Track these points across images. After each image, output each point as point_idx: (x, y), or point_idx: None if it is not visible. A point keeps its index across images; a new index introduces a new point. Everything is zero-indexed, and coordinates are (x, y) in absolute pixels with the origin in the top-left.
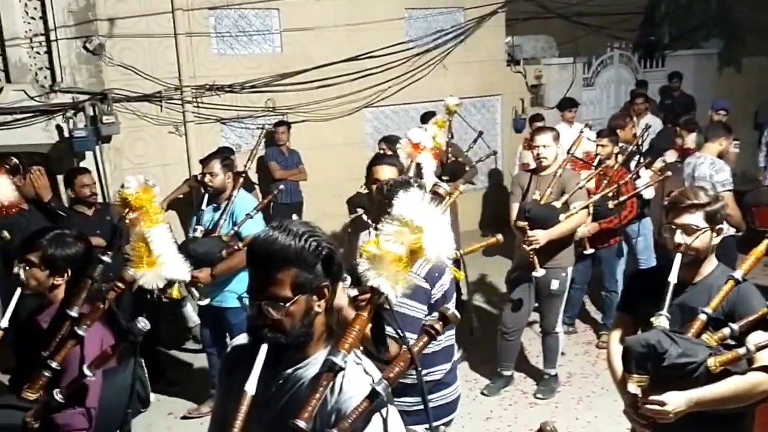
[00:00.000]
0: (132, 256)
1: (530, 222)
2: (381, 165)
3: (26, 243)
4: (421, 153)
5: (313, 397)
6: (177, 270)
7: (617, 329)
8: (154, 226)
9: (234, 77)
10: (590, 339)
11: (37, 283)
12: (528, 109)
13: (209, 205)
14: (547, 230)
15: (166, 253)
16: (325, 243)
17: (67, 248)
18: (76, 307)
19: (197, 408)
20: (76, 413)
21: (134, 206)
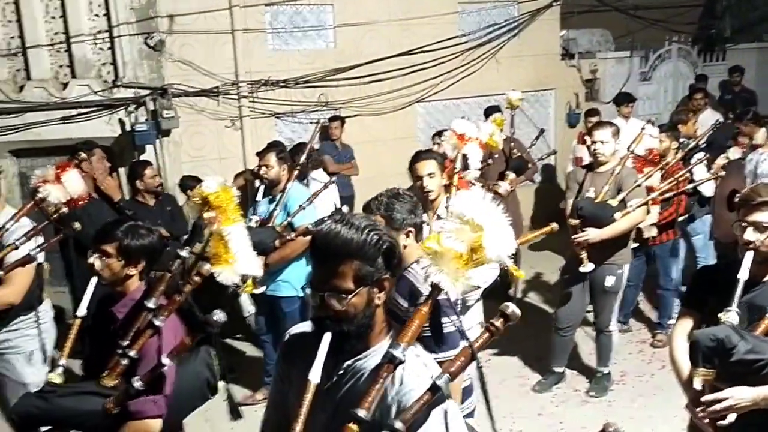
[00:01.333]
0: (211, 253)
1: (583, 220)
2: (421, 161)
3: (102, 233)
4: (467, 144)
5: (373, 387)
6: (251, 266)
7: (682, 324)
8: (232, 224)
9: (288, 72)
10: (645, 338)
11: (112, 273)
12: (582, 104)
13: (265, 196)
14: (600, 229)
15: (242, 250)
16: (386, 237)
17: (141, 239)
18: (154, 298)
19: (252, 395)
20: (149, 401)
21: (213, 205)
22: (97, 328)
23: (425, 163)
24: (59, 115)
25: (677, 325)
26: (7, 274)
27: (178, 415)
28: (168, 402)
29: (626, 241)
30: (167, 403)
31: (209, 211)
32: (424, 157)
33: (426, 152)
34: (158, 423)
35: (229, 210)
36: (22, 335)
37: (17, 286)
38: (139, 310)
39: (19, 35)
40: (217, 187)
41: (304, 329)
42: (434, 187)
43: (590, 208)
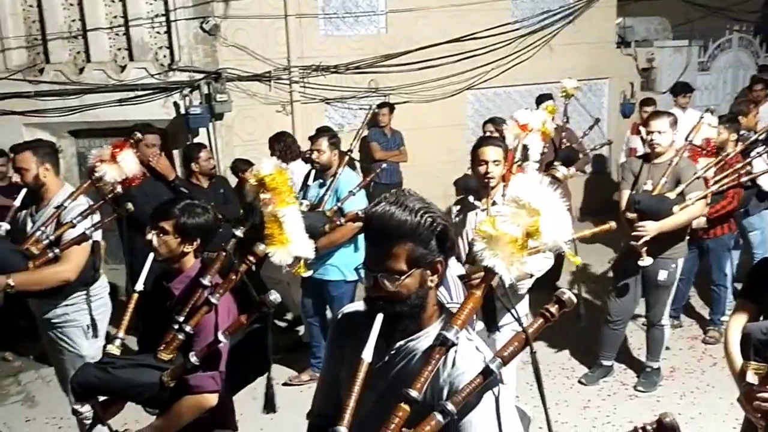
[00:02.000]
0: (265, 235)
1: (640, 214)
2: (487, 146)
3: (159, 211)
4: (529, 134)
5: (425, 369)
6: (305, 248)
7: (737, 317)
8: (287, 206)
9: (339, 58)
10: (696, 334)
11: (168, 250)
12: (637, 94)
13: (315, 180)
14: (658, 222)
15: (296, 232)
16: (440, 219)
17: (197, 217)
18: (210, 276)
19: (297, 376)
20: (207, 376)
21: (268, 187)
22: (153, 303)
23: (493, 149)
24: (117, 97)
25: (733, 318)
26: (63, 251)
27: (231, 390)
28: (222, 378)
29: (683, 235)
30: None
31: (265, 192)
32: (491, 143)
33: (494, 139)
34: (215, 398)
35: (284, 192)
36: (79, 309)
37: (73, 263)
38: (195, 287)
39: (80, 18)
40: (272, 169)
41: (356, 309)
42: (497, 175)
43: (648, 202)
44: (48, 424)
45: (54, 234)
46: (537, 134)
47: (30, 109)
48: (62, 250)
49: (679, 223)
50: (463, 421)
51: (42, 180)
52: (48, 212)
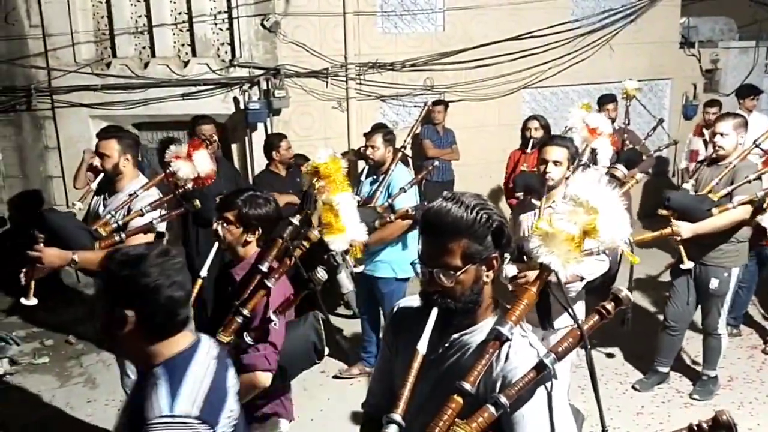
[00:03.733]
0: (322, 222)
1: (676, 213)
2: (552, 146)
3: (224, 202)
4: (598, 138)
5: (479, 362)
6: (359, 234)
7: None
8: (341, 193)
9: (395, 55)
10: (756, 343)
11: (233, 239)
12: (700, 95)
13: (368, 176)
14: (693, 224)
15: (351, 218)
16: (496, 216)
17: (258, 208)
18: (266, 262)
19: (348, 369)
20: (260, 355)
21: (323, 175)
22: (218, 289)
23: (556, 149)
24: (179, 91)
25: None
26: (129, 237)
27: (288, 376)
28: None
29: (732, 240)
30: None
31: (319, 180)
32: (556, 142)
33: (561, 138)
34: (268, 377)
35: (337, 179)
36: None
37: None
38: (254, 273)
39: (146, 14)
40: (326, 158)
41: (412, 303)
42: (556, 176)
43: (680, 200)
44: (108, 406)
45: (123, 220)
46: (606, 138)
47: (96, 101)
48: (128, 236)
49: (717, 227)
50: (515, 414)
51: (121, 169)
52: (120, 198)
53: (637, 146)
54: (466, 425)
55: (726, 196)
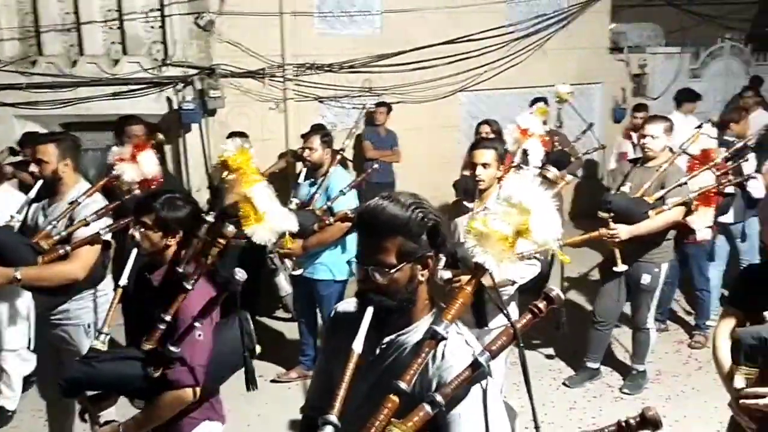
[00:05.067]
0: (240, 216)
1: (614, 216)
2: (479, 149)
3: (140, 205)
4: (529, 139)
5: (415, 362)
6: (285, 221)
7: (725, 323)
8: (253, 185)
9: (333, 57)
10: (682, 338)
11: (151, 244)
12: (629, 99)
13: (306, 179)
14: (630, 226)
15: (271, 207)
16: (432, 215)
17: (177, 211)
18: (184, 264)
19: (286, 373)
20: (184, 370)
21: (233, 168)
22: (137, 296)
23: (483, 152)
24: (110, 90)
25: (720, 324)
26: (74, 249)
27: (217, 379)
28: (207, 369)
29: (662, 240)
30: (206, 370)
31: (230, 174)
32: (483, 145)
33: (488, 141)
34: (193, 392)
35: (248, 171)
36: (81, 307)
37: (83, 262)
38: (172, 276)
39: (74, 11)
40: (235, 150)
41: (350, 306)
42: (486, 178)
43: (620, 203)
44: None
45: (66, 230)
46: (537, 139)
47: (22, 101)
48: (74, 248)
49: (653, 228)
50: (451, 413)
51: (60, 174)
52: (61, 207)
53: (567, 148)
54: (402, 424)
55: (660, 199)
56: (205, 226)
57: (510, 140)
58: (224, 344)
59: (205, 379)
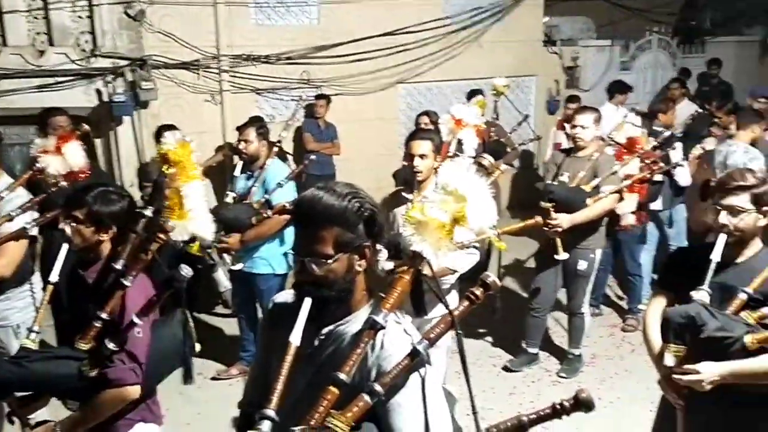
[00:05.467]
0: (166, 208)
1: (554, 204)
2: (414, 140)
3: (72, 200)
4: (463, 129)
5: (354, 352)
6: (203, 228)
7: (655, 304)
8: (190, 181)
9: (271, 48)
10: (615, 322)
11: (83, 239)
12: (563, 91)
13: (243, 172)
14: (570, 215)
15: (197, 209)
16: (368, 204)
17: (111, 205)
18: (121, 260)
19: (226, 370)
20: (127, 368)
21: (172, 161)
22: (69, 293)
23: (420, 143)
24: (35, 83)
25: (651, 305)
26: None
27: (155, 378)
28: (145, 368)
29: (598, 226)
30: (144, 369)
31: (170, 168)
32: (420, 137)
33: (424, 132)
34: (137, 390)
35: (188, 166)
36: (9, 308)
37: (8, 258)
38: (108, 273)
39: None
40: (175, 143)
41: (288, 298)
42: (423, 169)
43: (561, 193)
44: None
45: None
46: (472, 129)
47: None
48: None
49: (592, 216)
50: (390, 402)
51: None
52: None
53: (503, 139)
54: (342, 416)
55: (595, 188)
56: (143, 221)
57: (445, 130)
58: (162, 342)
59: (144, 378)
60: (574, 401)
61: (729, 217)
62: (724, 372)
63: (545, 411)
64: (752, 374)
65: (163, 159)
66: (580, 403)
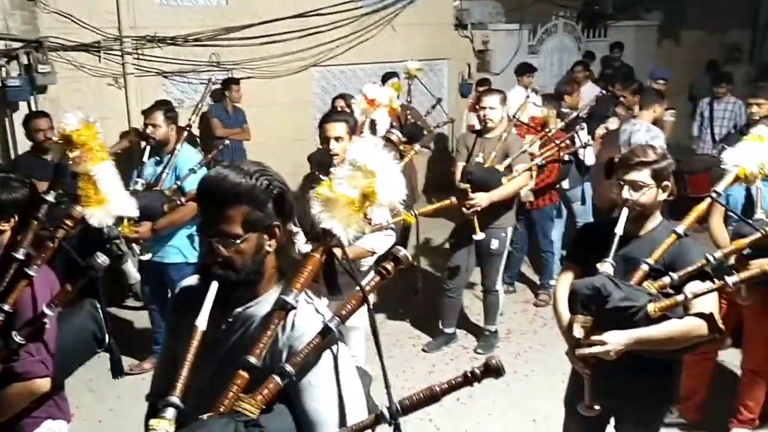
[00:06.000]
0: (80, 195)
1: (472, 184)
2: (330, 122)
3: None
4: (376, 110)
5: (264, 334)
6: (125, 206)
7: (564, 277)
8: (99, 163)
9: (176, 29)
10: (528, 298)
11: None
12: (474, 75)
13: (151, 158)
14: (488, 193)
15: (114, 190)
16: (277, 182)
17: (13, 192)
18: (23, 248)
19: (139, 364)
20: (35, 361)
21: (77, 144)
22: None
23: (334, 125)
24: None
25: (560, 279)
26: None
27: (63, 371)
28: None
29: (511, 205)
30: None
31: (73, 150)
32: (334, 119)
33: (338, 114)
34: (47, 382)
35: (94, 148)
36: None
37: None
38: (8, 262)
39: None
40: (78, 124)
41: (194, 281)
42: (339, 151)
43: (479, 173)
44: None
45: None
46: (384, 109)
47: None
48: None
49: (507, 194)
50: (302, 381)
51: None
52: None
53: (419, 122)
54: (251, 399)
55: (508, 167)
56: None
57: (357, 111)
58: (70, 334)
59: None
60: (485, 368)
61: (631, 191)
62: (628, 340)
63: (457, 380)
64: (655, 341)
65: (66, 141)
66: (490, 369)
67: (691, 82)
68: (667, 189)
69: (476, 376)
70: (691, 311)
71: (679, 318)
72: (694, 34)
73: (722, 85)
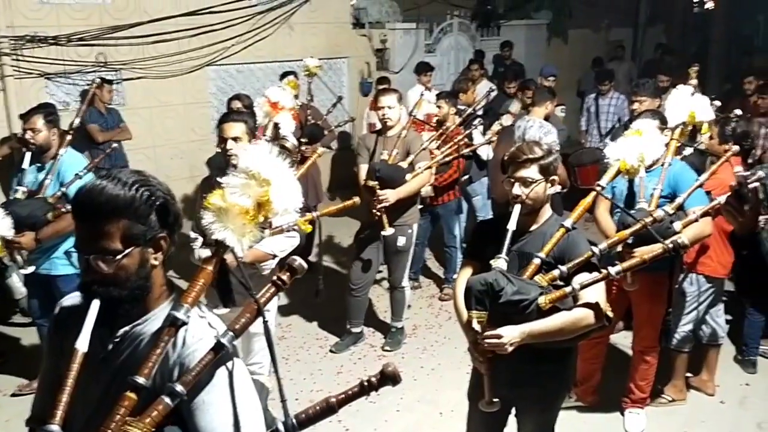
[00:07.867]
0: None
1: (380, 181)
2: (229, 122)
3: None
4: (280, 113)
5: (153, 352)
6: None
7: (463, 273)
8: None
9: (59, 28)
10: (434, 292)
11: None
12: (374, 73)
13: (32, 164)
14: (395, 189)
15: None
16: (160, 192)
17: None
18: None
19: (28, 384)
20: None
21: None
22: None
23: (232, 125)
24: None
25: (460, 275)
26: None
27: None
28: None
29: (414, 202)
30: None
31: None
32: (232, 118)
33: (237, 114)
34: None
35: None
36: None
37: None
38: None
39: None
40: None
41: (75, 299)
42: (237, 152)
43: (386, 170)
44: None
45: None
46: (288, 112)
47: None
48: None
49: (413, 190)
50: (195, 400)
51: None
52: None
53: (319, 122)
54: (139, 422)
55: (410, 164)
56: None
57: (260, 114)
58: None
59: None
60: (381, 376)
61: (522, 188)
62: (522, 334)
63: (353, 390)
64: (547, 332)
65: None
66: (386, 377)
67: (579, 78)
68: (555, 182)
69: (373, 385)
70: (580, 302)
71: (569, 309)
72: (581, 32)
73: (605, 82)
